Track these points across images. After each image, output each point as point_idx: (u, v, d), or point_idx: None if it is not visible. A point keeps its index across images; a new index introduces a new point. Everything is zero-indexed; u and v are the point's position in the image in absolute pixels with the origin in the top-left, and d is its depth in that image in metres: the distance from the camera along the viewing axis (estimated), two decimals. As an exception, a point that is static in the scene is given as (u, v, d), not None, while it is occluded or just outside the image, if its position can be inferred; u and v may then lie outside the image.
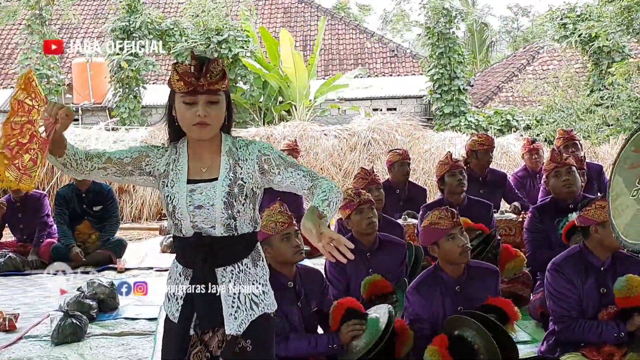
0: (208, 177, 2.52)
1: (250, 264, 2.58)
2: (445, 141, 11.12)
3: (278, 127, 11.50)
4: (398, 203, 6.64)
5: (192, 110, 2.44)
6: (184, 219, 2.49)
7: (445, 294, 3.82)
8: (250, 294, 2.56)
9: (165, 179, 2.54)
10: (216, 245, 2.51)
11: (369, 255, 4.51)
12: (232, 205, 2.49)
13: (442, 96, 16.77)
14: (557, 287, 3.89)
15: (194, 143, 2.55)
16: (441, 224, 3.80)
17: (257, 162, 2.53)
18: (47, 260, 7.31)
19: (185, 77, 2.42)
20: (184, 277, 2.57)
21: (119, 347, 4.85)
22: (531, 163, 7.42)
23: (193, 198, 2.49)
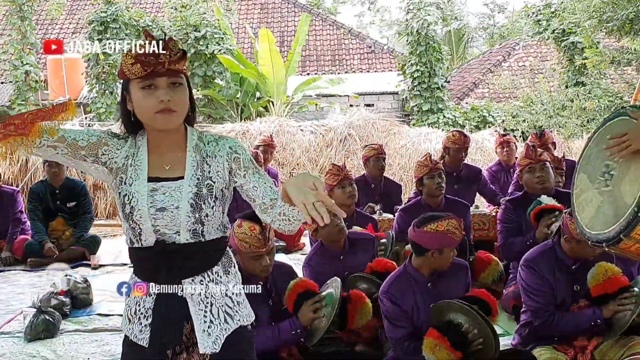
0: (172, 175, 2.24)
1: (221, 272, 2.32)
2: (421, 136, 11.15)
3: (254, 122, 11.46)
4: (373, 198, 6.66)
5: (153, 96, 2.16)
6: (143, 222, 2.19)
7: (416, 292, 3.83)
8: (224, 305, 2.31)
9: (123, 175, 2.24)
10: (181, 254, 2.23)
11: (342, 258, 4.55)
12: (200, 208, 2.22)
13: (421, 93, 16.83)
14: (531, 282, 3.93)
15: (155, 136, 2.27)
16: (456, 236, 3.75)
17: (227, 159, 2.28)
18: (20, 257, 7.29)
19: (142, 58, 2.14)
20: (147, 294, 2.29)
21: (92, 344, 4.84)
22: (503, 156, 7.47)
23: (155, 199, 2.20)
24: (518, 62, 20.85)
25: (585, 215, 2.64)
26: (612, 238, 2.44)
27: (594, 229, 2.57)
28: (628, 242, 2.40)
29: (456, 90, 19.81)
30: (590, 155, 2.71)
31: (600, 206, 2.56)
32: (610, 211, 2.49)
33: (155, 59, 2.14)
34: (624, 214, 2.39)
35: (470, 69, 22.23)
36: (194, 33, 16.15)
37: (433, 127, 13.86)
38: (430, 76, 16.90)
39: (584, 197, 2.67)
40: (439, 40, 17.80)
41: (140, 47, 2.15)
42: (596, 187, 2.60)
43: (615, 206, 2.47)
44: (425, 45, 16.85)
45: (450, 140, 6.80)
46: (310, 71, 20.20)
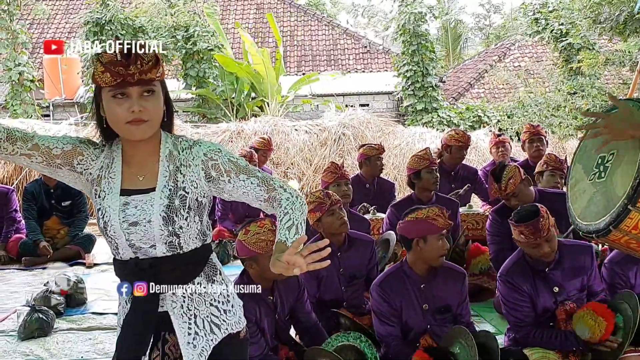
0: (144, 186, 2.14)
1: (204, 282, 2.23)
2: (415, 136, 11.17)
3: (249, 122, 11.46)
4: (367, 197, 6.66)
5: (123, 105, 2.06)
6: (117, 237, 2.12)
7: (409, 290, 3.84)
8: (209, 315, 2.22)
9: (97, 187, 2.16)
10: (160, 267, 2.15)
11: (339, 255, 4.52)
12: (172, 220, 2.11)
13: (414, 93, 16.86)
14: (508, 297, 3.91)
15: (128, 145, 2.16)
16: (438, 222, 3.76)
17: (202, 167, 2.17)
18: (15, 256, 7.30)
19: (111, 67, 2.03)
20: (130, 304, 2.21)
21: (86, 342, 4.84)
22: (498, 156, 7.47)
23: (127, 213, 2.11)
24: (514, 63, 20.90)
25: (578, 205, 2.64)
26: (601, 229, 2.44)
27: (585, 219, 2.57)
28: (617, 234, 2.40)
29: (452, 90, 19.85)
30: (586, 146, 2.71)
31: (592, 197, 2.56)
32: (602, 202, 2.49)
33: (124, 69, 2.04)
34: (614, 205, 2.39)
35: (466, 69, 22.28)
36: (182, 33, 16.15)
37: (427, 127, 13.89)
38: (423, 75, 16.94)
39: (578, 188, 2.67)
40: (432, 39, 17.80)
41: (107, 56, 2.05)
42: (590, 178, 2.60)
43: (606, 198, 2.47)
44: (417, 44, 16.87)
45: (454, 139, 6.79)
46: (306, 71, 20.21)
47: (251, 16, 22.64)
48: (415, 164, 5.72)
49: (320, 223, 4.49)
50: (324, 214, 4.43)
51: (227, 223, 7.36)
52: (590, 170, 2.63)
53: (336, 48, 21.53)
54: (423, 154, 5.79)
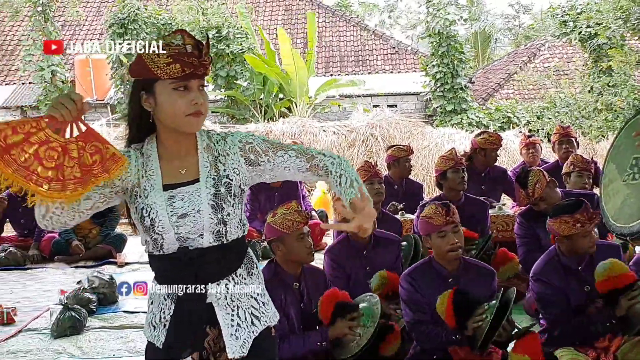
0: (187, 179, 2.17)
1: (245, 274, 2.26)
2: (444, 137, 11.13)
3: (277, 123, 11.52)
4: (396, 198, 6.66)
5: (186, 98, 2.09)
6: (166, 232, 2.12)
7: (437, 284, 3.84)
8: (250, 307, 2.25)
9: (137, 189, 2.15)
10: (206, 258, 2.16)
11: (365, 253, 4.53)
12: (221, 207, 2.14)
13: (444, 94, 16.79)
14: (543, 295, 3.93)
15: (169, 141, 2.18)
16: (434, 220, 3.78)
17: (240, 154, 2.20)
18: (47, 255, 7.39)
19: (183, 58, 2.05)
20: (170, 300, 2.21)
21: (117, 340, 4.89)
22: (528, 157, 7.42)
23: (174, 206, 2.13)
24: (543, 63, 20.72)
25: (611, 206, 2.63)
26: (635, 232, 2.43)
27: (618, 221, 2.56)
28: None
29: (481, 91, 19.74)
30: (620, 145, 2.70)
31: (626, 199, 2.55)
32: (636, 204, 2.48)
33: (197, 60, 2.08)
34: None
35: (495, 70, 22.14)
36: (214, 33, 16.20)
37: (457, 128, 13.83)
38: (453, 77, 16.84)
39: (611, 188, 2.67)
40: (462, 40, 17.71)
41: (174, 47, 2.06)
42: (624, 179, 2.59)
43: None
44: (447, 46, 16.80)
45: (488, 142, 6.75)
46: (333, 72, 20.22)
47: (279, 17, 22.69)
48: (442, 164, 5.74)
49: None
50: None
51: (256, 223, 7.38)
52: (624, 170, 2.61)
53: (364, 49, 21.50)
54: (449, 155, 5.80)
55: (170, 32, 2.14)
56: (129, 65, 2.19)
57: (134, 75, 2.16)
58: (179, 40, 2.08)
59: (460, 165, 5.66)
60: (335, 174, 2.21)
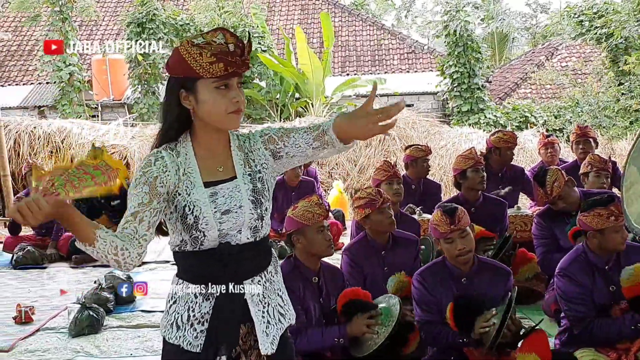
0: (225, 176, 2.20)
1: (273, 271, 2.31)
2: (461, 137, 11.06)
3: (294, 122, 11.50)
4: (413, 199, 6.62)
5: (227, 95, 2.11)
6: (209, 229, 2.13)
7: (450, 285, 3.82)
8: (277, 305, 2.28)
9: (177, 189, 2.15)
10: (244, 255, 2.20)
11: (383, 253, 4.52)
12: (260, 202, 2.19)
13: (461, 94, 16.71)
14: (568, 291, 3.88)
15: (206, 139, 2.20)
16: (439, 227, 3.77)
17: (264, 147, 2.25)
18: (65, 254, 7.41)
19: (226, 57, 2.06)
20: (202, 297, 2.18)
21: (135, 339, 4.91)
22: (547, 157, 7.37)
23: (217, 203, 2.15)
24: (561, 63, 20.59)
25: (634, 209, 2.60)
26: None
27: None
28: None
29: (498, 90, 19.63)
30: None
31: None
32: None
33: (240, 59, 2.09)
34: None
35: (513, 69, 22.02)
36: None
37: (474, 128, 13.76)
38: (469, 77, 16.76)
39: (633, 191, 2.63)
40: (479, 40, 17.63)
41: (216, 46, 2.06)
42: None
43: None
44: (464, 45, 16.73)
45: (502, 140, 6.69)
46: (350, 71, 20.18)
47: (296, 17, 22.69)
48: (461, 163, 5.69)
49: (369, 220, 4.50)
50: (374, 212, 4.45)
51: (273, 223, 7.38)
52: None
53: (380, 48, 21.45)
54: (468, 154, 5.75)
55: (210, 30, 2.13)
56: (166, 62, 2.18)
57: (173, 73, 2.16)
58: (221, 39, 2.08)
59: (480, 164, 5.62)
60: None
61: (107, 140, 10.47)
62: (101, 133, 10.94)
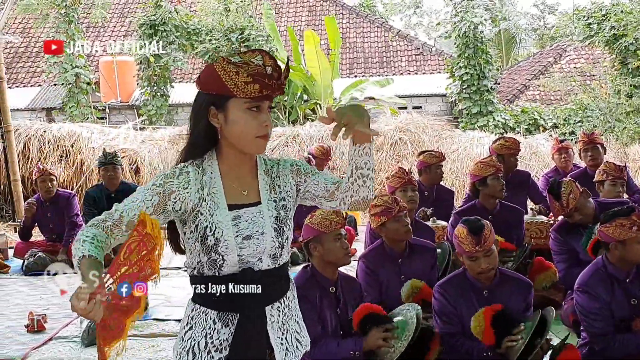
0: (249, 201, 2.15)
1: (291, 297, 2.27)
2: (473, 141, 10.99)
3: (304, 126, 11.44)
4: (426, 205, 6.56)
5: (258, 118, 2.08)
6: (229, 252, 2.09)
7: (472, 297, 3.78)
8: (295, 332, 2.24)
9: (200, 208, 2.10)
10: (265, 280, 2.13)
11: (400, 262, 4.47)
12: (282, 231, 2.15)
13: (470, 96, 16.63)
14: (588, 307, 3.84)
15: (232, 160, 2.15)
16: (464, 246, 3.76)
17: (291, 176, 2.24)
18: (76, 260, 7.35)
19: (263, 80, 2.02)
20: (221, 323, 2.14)
21: (148, 349, 4.85)
22: (561, 163, 7.31)
23: (240, 227, 2.10)
24: (569, 64, 20.50)
25: None
26: None
27: None
28: None
29: (506, 92, 19.54)
30: None
31: None
32: None
33: (276, 83, 2.05)
34: None
35: (520, 71, 21.93)
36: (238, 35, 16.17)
37: (483, 130, 13.70)
38: (479, 79, 16.67)
39: None
40: (488, 41, 17.55)
41: (254, 67, 2.03)
42: None
43: None
44: (474, 47, 16.65)
45: (505, 147, 6.65)
46: (358, 73, 20.13)
47: (303, 19, 22.65)
48: (481, 170, 5.60)
49: (385, 228, 4.46)
50: (390, 220, 4.41)
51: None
52: None
53: (388, 50, 21.39)
54: (489, 161, 5.68)
55: (248, 50, 2.10)
56: (198, 77, 2.14)
57: (205, 89, 2.12)
58: (259, 61, 2.05)
59: (500, 172, 5.56)
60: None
61: (117, 145, 10.44)
62: (111, 137, 10.92)
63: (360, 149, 2.13)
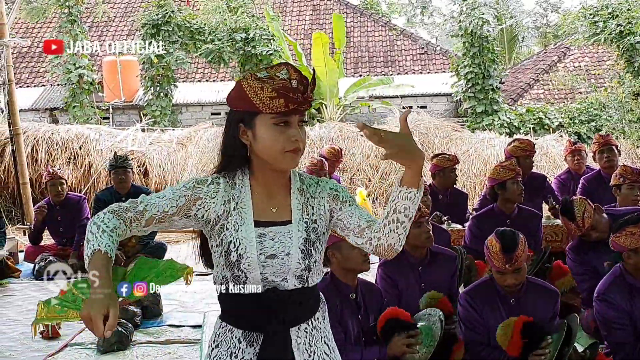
0: (278, 219, 2.10)
1: (320, 318, 2.20)
2: (483, 142, 10.94)
3: (314, 127, 11.39)
4: (440, 208, 6.52)
5: (286, 133, 2.02)
6: (251, 270, 2.05)
7: (498, 305, 3.76)
8: (323, 353, 2.17)
9: (225, 222, 2.07)
10: (290, 300, 2.09)
11: (420, 269, 4.42)
12: (310, 254, 2.09)
13: (475, 95, 16.58)
14: (607, 316, 3.84)
15: (263, 176, 2.11)
16: (494, 262, 3.74)
17: (327, 200, 2.16)
18: (87, 264, 7.31)
19: (288, 94, 1.98)
20: (246, 343, 2.10)
21: (165, 356, 4.82)
22: (574, 165, 7.27)
23: (264, 245, 2.05)
24: (574, 63, 20.44)
25: None
26: None
27: None
28: None
29: (510, 91, 19.48)
30: None
31: None
32: None
33: (302, 97, 2.00)
34: None
35: (524, 70, 21.87)
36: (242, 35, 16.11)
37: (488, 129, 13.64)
38: (484, 77, 16.63)
39: None
40: (493, 40, 17.50)
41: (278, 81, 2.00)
42: None
43: None
44: (479, 46, 16.60)
45: (520, 149, 6.62)
46: (362, 72, 20.07)
47: (307, 18, 22.60)
48: (500, 174, 5.57)
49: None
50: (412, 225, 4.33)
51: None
52: None
53: (393, 49, 21.33)
54: (508, 164, 5.64)
55: (275, 65, 2.07)
56: (228, 94, 2.11)
57: (234, 106, 2.10)
58: (284, 74, 2.01)
59: (520, 175, 5.52)
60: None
61: (125, 147, 10.39)
62: (119, 139, 10.88)
63: (405, 192, 2.02)
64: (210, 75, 19.91)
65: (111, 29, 22.18)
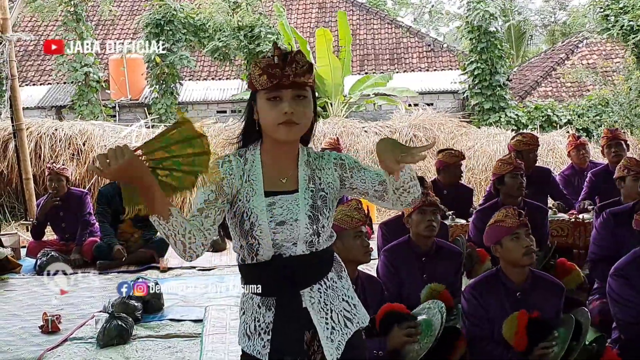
0: (287, 188, 2.29)
1: (335, 278, 2.36)
2: (489, 137, 10.88)
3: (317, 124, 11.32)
4: (445, 204, 6.46)
5: (277, 107, 2.20)
6: (263, 237, 2.24)
7: (504, 299, 3.69)
8: (342, 310, 2.33)
9: (239, 194, 2.28)
10: (299, 265, 2.27)
11: (424, 260, 4.35)
12: (317, 219, 2.26)
13: (482, 92, 16.49)
14: (621, 293, 3.77)
15: (271, 149, 2.31)
16: (506, 222, 3.69)
17: (335, 169, 2.34)
18: (89, 259, 7.33)
19: (268, 70, 2.19)
20: (265, 307, 2.31)
21: (165, 350, 4.78)
22: (578, 159, 7.23)
23: (274, 213, 2.24)
24: (582, 60, 20.33)
25: None
26: None
27: None
28: None
29: (518, 89, 19.39)
30: None
31: None
32: None
33: (280, 72, 2.18)
34: None
35: (532, 67, 21.79)
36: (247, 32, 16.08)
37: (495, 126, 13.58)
38: (491, 74, 16.54)
39: None
40: (500, 36, 17.41)
41: (264, 60, 2.21)
42: None
43: None
44: (487, 42, 16.52)
45: (523, 143, 6.56)
46: (368, 70, 20.01)
47: (313, 15, 22.56)
48: (499, 168, 5.56)
49: (410, 219, 4.36)
50: (415, 211, 4.29)
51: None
52: None
53: (399, 47, 21.27)
54: (507, 159, 5.61)
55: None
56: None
57: (249, 87, 2.33)
58: (270, 53, 2.23)
59: (519, 169, 5.47)
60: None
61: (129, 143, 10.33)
62: (123, 135, 10.87)
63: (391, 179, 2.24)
64: (216, 74, 19.90)
65: (117, 27, 22.20)
